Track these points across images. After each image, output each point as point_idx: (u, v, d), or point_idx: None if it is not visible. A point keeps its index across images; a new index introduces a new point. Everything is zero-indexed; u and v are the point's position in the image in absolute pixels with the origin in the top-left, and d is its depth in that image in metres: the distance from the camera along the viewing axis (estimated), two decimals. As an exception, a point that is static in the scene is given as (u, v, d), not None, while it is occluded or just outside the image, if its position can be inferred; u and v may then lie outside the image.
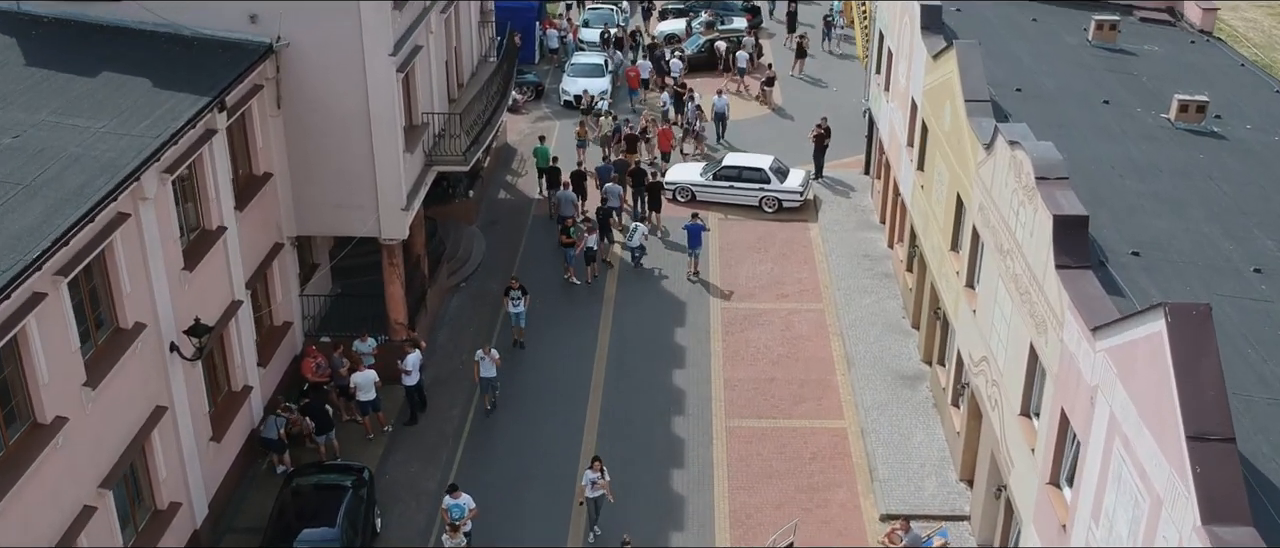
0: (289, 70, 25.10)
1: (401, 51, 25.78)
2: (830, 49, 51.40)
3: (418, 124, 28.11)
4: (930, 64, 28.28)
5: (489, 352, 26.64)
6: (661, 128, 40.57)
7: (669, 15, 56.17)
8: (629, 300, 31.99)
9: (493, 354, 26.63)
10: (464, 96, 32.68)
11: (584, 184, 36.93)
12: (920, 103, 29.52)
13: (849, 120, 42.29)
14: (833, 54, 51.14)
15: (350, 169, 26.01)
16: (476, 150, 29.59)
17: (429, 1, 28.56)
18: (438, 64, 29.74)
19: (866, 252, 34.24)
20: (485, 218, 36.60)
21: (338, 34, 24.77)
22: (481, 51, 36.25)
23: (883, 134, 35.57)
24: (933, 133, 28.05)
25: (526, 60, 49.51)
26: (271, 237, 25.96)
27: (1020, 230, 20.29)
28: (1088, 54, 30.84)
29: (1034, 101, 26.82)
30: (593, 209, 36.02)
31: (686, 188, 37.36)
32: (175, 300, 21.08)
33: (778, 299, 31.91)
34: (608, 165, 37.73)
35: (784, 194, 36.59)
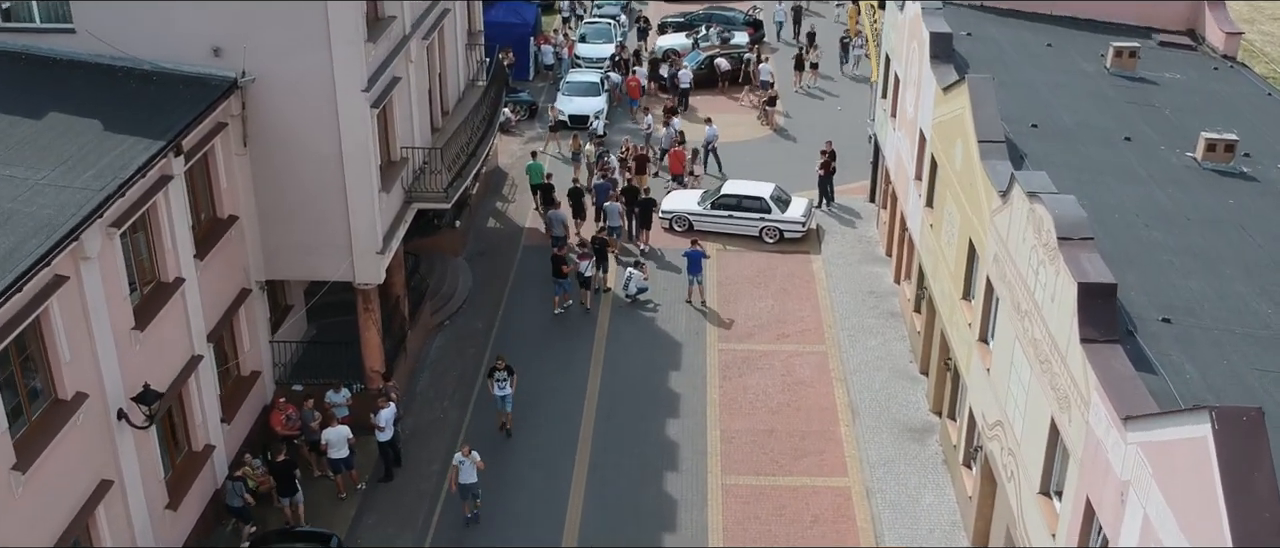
0: (256, 106, 23.51)
1: (376, 86, 24.19)
2: (847, 72, 49.08)
3: (396, 160, 26.51)
4: (940, 96, 26.64)
5: (469, 454, 23.19)
6: (675, 149, 38.88)
7: (668, 29, 54.52)
8: (621, 340, 30.37)
9: (474, 458, 23.19)
10: (449, 125, 31.09)
11: (582, 202, 35.45)
12: (929, 136, 27.88)
13: (854, 142, 40.66)
14: (847, 76, 48.96)
15: (322, 211, 24.43)
16: (460, 185, 27.97)
17: (409, 30, 26.94)
18: (419, 94, 28.14)
19: (872, 287, 32.60)
20: (473, 249, 35.00)
21: (307, 69, 23.19)
22: (469, 75, 34.63)
23: (889, 163, 33.93)
24: (942, 169, 26.41)
25: (521, 77, 47.96)
26: (238, 282, 24.37)
27: (1040, 292, 18.65)
28: (1106, 84, 29.17)
29: (1051, 139, 25.16)
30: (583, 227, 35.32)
31: (683, 217, 35.73)
32: (124, 364, 19.48)
33: (778, 339, 30.27)
34: (605, 183, 36.24)
35: (785, 224, 34.96)
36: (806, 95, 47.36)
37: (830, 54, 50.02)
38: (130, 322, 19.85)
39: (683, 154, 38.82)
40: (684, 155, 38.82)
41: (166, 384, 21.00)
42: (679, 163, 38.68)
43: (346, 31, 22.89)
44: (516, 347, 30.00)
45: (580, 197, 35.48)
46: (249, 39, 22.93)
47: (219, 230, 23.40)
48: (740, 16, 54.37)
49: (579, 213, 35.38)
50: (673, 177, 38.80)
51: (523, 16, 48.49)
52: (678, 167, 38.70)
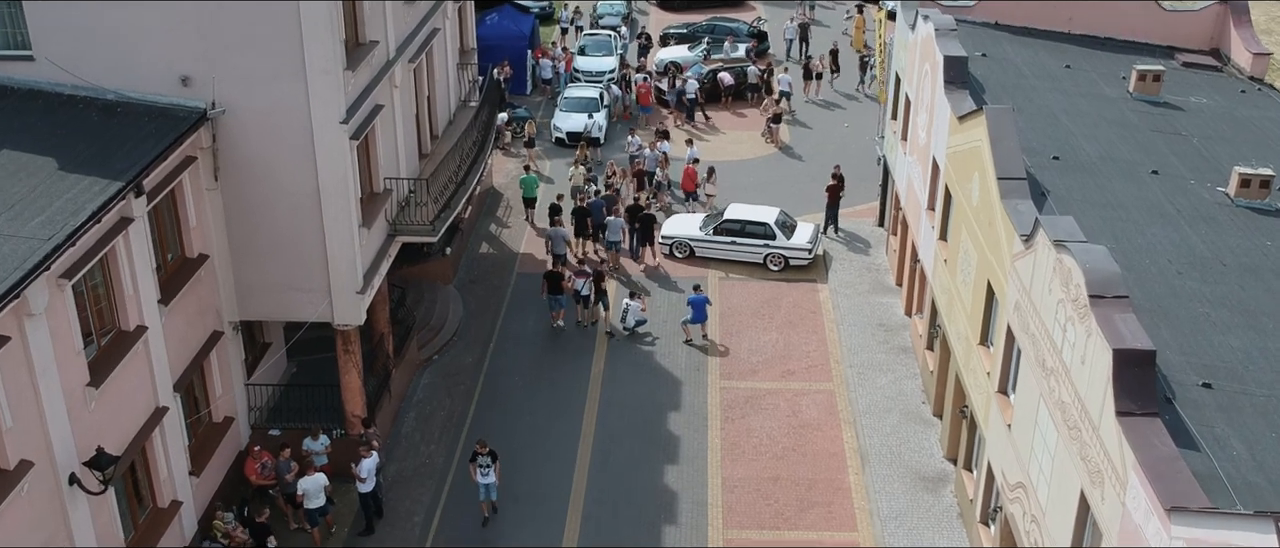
0: (228, 139, 22.08)
1: (356, 116, 22.75)
2: (866, 91, 46.76)
3: (379, 192, 25.06)
4: (955, 125, 25.15)
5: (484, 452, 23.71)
6: (688, 167, 37.40)
7: (670, 41, 52.97)
8: (619, 377, 28.89)
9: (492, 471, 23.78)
10: (438, 149, 29.64)
11: (586, 222, 34.22)
12: (943, 165, 26.39)
13: (862, 161, 39.18)
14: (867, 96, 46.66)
15: (298, 248, 22.99)
16: (448, 216, 26.50)
17: (393, 54, 25.48)
18: (404, 120, 26.68)
19: (881, 319, 31.10)
20: (464, 276, 33.53)
21: (282, 99, 21.76)
22: (461, 95, 33.17)
23: (899, 188, 32.43)
24: (958, 202, 24.92)
25: (518, 92, 46.50)
26: (209, 324, 22.93)
27: (1068, 351, 17.17)
28: (1130, 110, 27.67)
29: (1074, 173, 23.67)
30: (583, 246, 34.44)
31: (684, 242, 34.25)
32: (77, 425, 18.05)
33: (783, 377, 28.78)
34: (600, 200, 34.96)
35: (791, 252, 33.47)
36: (815, 108, 45.78)
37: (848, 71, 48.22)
38: (84, 378, 18.40)
39: (695, 172, 37.36)
40: (696, 173, 37.35)
41: (126, 442, 19.58)
42: (691, 181, 37.26)
43: (323, 60, 21.45)
44: (509, 383, 28.57)
45: (585, 216, 34.21)
46: (219, 68, 21.52)
47: (187, 271, 21.96)
48: (744, 27, 52.80)
49: (582, 231, 34.16)
50: (686, 195, 37.41)
51: (520, 28, 47.02)
52: (690, 184, 37.29)
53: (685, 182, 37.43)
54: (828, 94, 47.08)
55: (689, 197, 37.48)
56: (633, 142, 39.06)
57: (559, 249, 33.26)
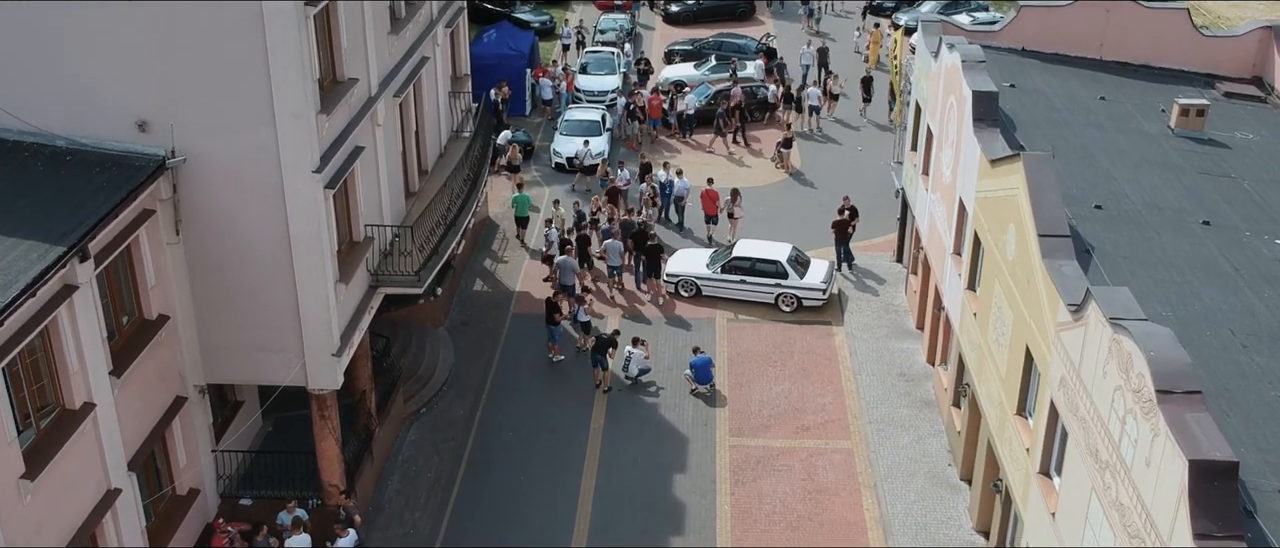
0: (190, 189, 20.12)
1: (332, 162, 20.76)
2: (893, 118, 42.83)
3: (359, 240, 23.05)
4: (986, 167, 23.10)
5: None
6: (705, 190, 35.38)
7: (675, 57, 50.90)
8: (620, 433, 26.87)
9: None
10: (428, 187, 27.62)
11: (588, 250, 32.66)
12: (971, 210, 24.34)
13: (877, 188, 37.10)
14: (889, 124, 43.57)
15: (268, 307, 21.03)
16: (436, 263, 24.50)
17: (376, 90, 23.47)
18: (389, 160, 24.65)
19: (902, 368, 29.03)
20: (456, 317, 31.50)
21: (249, 147, 19.81)
22: (453, 125, 31.15)
23: (920, 225, 30.38)
24: (989, 253, 22.87)
25: (517, 114, 44.45)
26: (171, 390, 20.94)
27: (1129, 447, 15.12)
28: (1173, 148, 25.61)
29: (1118, 225, 21.63)
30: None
31: (690, 281, 32.19)
32: (9, 524, 16.04)
33: (797, 433, 26.74)
34: (608, 226, 33.22)
35: (804, 292, 31.40)
36: (827, 131, 43.71)
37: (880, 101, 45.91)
38: (18, 469, 16.41)
39: (716, 194, 35.33)
40: (717, 195, 35.32)
41: (70, 534, 17.56)
42: (712, 203, 35.25)
43: (294, 104, 19.47)
44: (502, 440, 26.58)
45: (586, 244, 32.57)
46: (180, 112, 19.57)
47: (145, 334, 19.96)
48: (753, 44, 50.75)
49: (585, 259, 32.59)
50: (707, 218, 35.46)
51: (518, 47, 44.99)
52: (711, 207, 35.30)
53: (706, 204, 35.41)
54: (843, 113, 44.96)
55: (708, 220, 35.53)
56: (622, 175, 36.82)
57: (567, 280, 31.46)
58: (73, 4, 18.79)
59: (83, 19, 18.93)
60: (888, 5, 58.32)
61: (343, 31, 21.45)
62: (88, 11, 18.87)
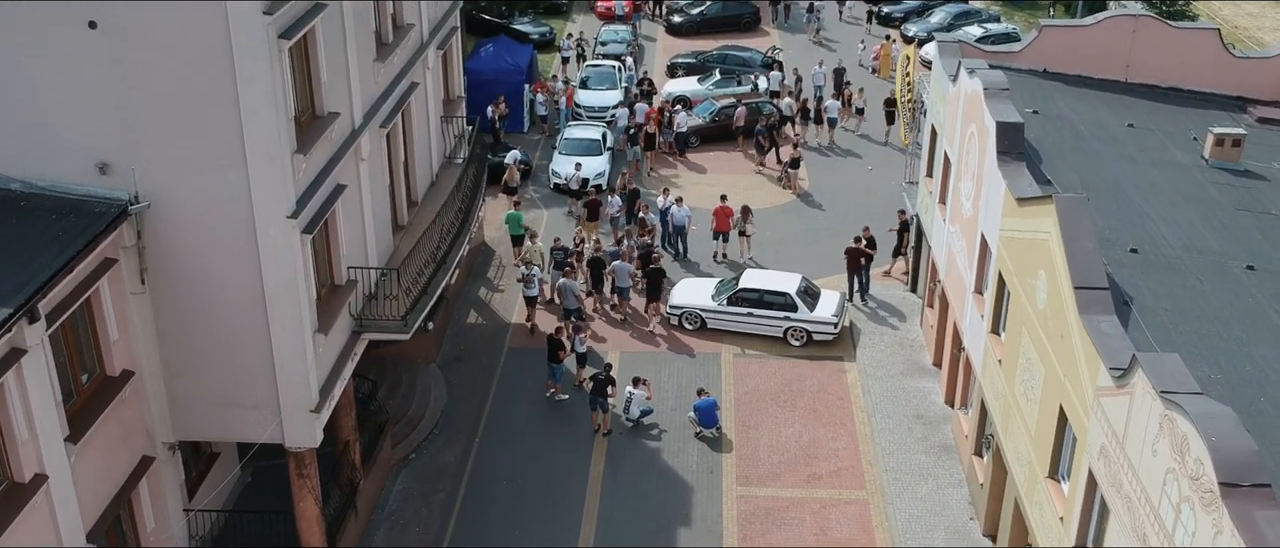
0: (156, 236, 18.60)
1: (310, 205, 19.25)
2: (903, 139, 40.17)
3: (341, 284, 21.54)
4: (1012, 204, 21.59)
5: None
6: (718, 206, 34.14)
7: (678, 71, 49.34)
8: (621, 482, 25.37)
9: None
10: (418, 219, 26.12)
11: (601, 273, 31.28)
12: (995, 249, 22.83)
13: (890, 211, 35.53)
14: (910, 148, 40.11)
15: (241, 361, 19.52)
16: (425, 304, 23.01)
17: (360, 122, 21.96)
18: (374, 195, 23.12)
19: (919, 409, 27.51)
20: (448, 353, 29.98)
21: (218, 190, 18.30)
22: (445, 151, 29.63)
23: (937, 257, 28.86)
24: (1016, 298, 21.36)
25: (515, 130, 42.92)
26: (137, 450, 19.43)
27: (1183, 536, 13.61)
28: (1208, 182, 24.09)
29: (1156, 270, 20.11)
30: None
31: (695, 313, 30.66)
32: (-55, 617, 14.56)
33: (809, 482, 25.23)
34: (615, 249, 32.10)
35: (814, 325, 29.87)
36: (835, 149, 42.20)
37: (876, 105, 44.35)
38: (-44, 557, 14.93)
39: (729, 210, 34.02)
40: (730, 212, 34.03)
41: (18, 622, 16.06)
42: (725, 219, 33.95)
43: (266, 144, 17.96)
44: (495, 490, 25.09)
45: (600, 267, 31.21)
46: (144, 153, 18.08)
47: (108, 393, 18.45)
48: (758, 57, 49.20)
49: (597, 284, 31.28)
50: (715, 234, 34.20)
51: (516, 61, 43.42)
52: (724, 223, 34.01)
53: (718, 220, 34.05)
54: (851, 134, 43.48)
55: (718, 237, 34.25)
56: (612, 201, 35.19)
57: (570, 303, 30.14)
58: (26, 35, 17.29)
59: (37, 51, 17.43)
60: (896, 15, 56.80)
61: (322, 63, 19.94)
62: (43, 43, 17.38)
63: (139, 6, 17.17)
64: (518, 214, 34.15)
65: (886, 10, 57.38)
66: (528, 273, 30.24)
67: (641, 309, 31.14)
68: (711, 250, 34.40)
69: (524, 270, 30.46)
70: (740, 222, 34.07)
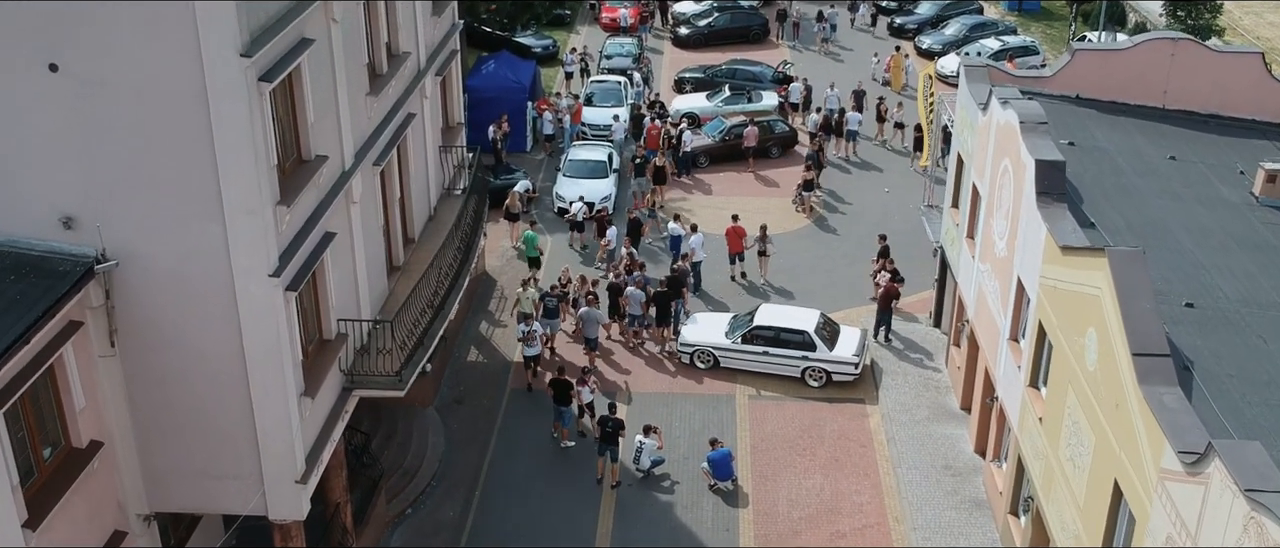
0: (127, 295, 17.04)
1: (295, 259, 17.67)
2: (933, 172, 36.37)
3: (330, 339, 19.96)
4: (1055, 251, 19.98)
5: None
6: (730, 227, 32.93)
7: (686, 86, 47.67)
8: (632, 542, 23.78)
9: None
10: (414, 259, 24.57)
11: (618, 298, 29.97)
12: (1034, 296, 21.22)
13: (909, 237, 34.03)
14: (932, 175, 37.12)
15: (221, 428, 17.98)
16: (422, 357, 21.45)
17: (350, 163, 20.36)
18: (367, 239, 21.55)
19: (947, 459, 25.92)
20: (447, 395, 28.39)
21: (193, 247, 16.76)
22: (444, 182, 28.04)
23: (964, 293, 27.26)
24: (1059, 351, 19.76)
25: (517, 150, 41.32)
26: (107, 525, 17.87)
27: (1276, 661, 12.00)
28: (1261, 223, 22.47)
29: (1215, 328, 18.49)
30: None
31: (707, 352, 29.06)
32: None
33: (832, 541, 23.65)
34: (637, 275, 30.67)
35: (835, 366, 28.28)
36: (852, 169, 40.59)
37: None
38: (-106, 672, 13.35)
39: (742, 231, 32.85)
40: (743, 232, 32.86)
41: None
42: (738, 240, 32.78)
43: (245, 196, 16.41)
44: (499, 544, 23.47)
45: (618, 293, 29.90)
46: (112, 207, 16.53)
47: (74, 467, 16.88)
48: (768, 72, 47.57)
49: (615, 310, 30.02)
50: (731, 256, 32.98)
51: (518, 78, 41.79)
52: (737, 245, 32.83)
53: (731, 241, 32.80)
54: (869, 152, 41.90)
55: (734, 258, 33.01)
56: (611, 232, 33.48)
57: (591, 332, 28.91)
58: (-19, 81, 15.78)
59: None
60: (909, 27, 55.19)
61: (309, 103, 18.36)
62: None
63: (105, 48, 15.63)
64: (533, 235, 32.90)
65: (899, 21, 55.78)
66: (528, 330, 27.96)
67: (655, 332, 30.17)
68: (727, 273, 33.18)
69: (523, 328, 28.05)
70: (759, 241, 32.76)
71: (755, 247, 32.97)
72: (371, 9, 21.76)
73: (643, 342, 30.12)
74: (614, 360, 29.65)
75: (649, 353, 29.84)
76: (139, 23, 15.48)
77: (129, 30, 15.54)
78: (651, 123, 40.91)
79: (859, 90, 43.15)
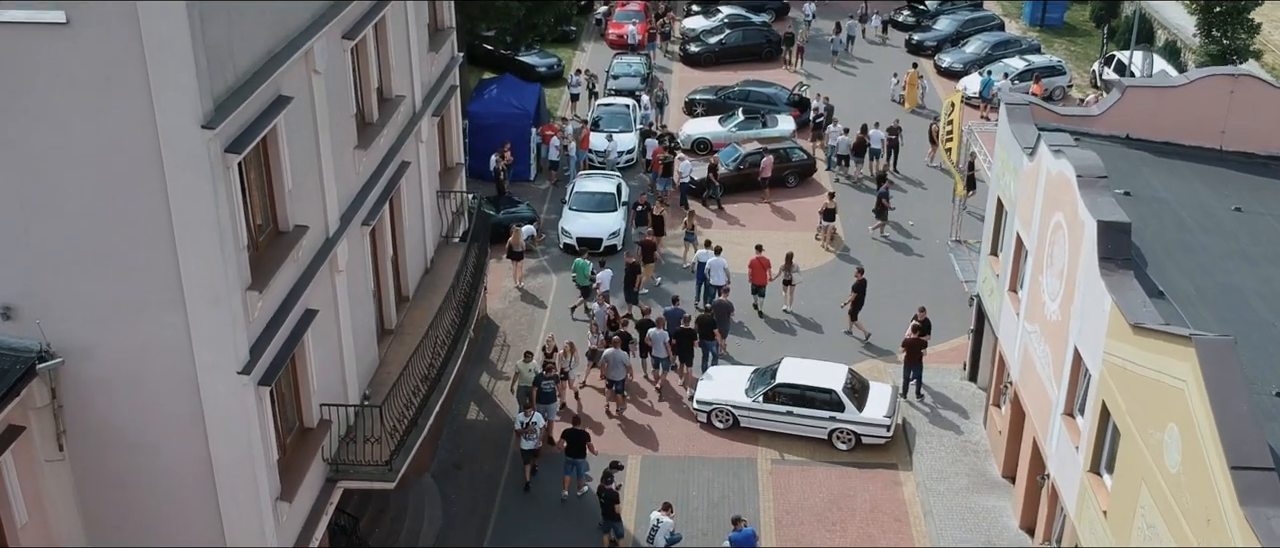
0: (76, 393, 14.93)
1: (269, 349, 15.54)
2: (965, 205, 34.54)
3: (312, 427, 17.84)
4: (1122, 327, 17.83)
5: None
6: (754, 258, 31.13)
7: (697, 109, 45.45)
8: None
9: None
10: (409, 320, 22.45)
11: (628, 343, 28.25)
12: (1096, 372, 19.07)
13: (938, 275, 31.91)
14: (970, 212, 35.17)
15: (184, 538, 15.85)
16: (415, 439, 19.33)
17: (335, 230, 18.23)
18: (355, 309, 19.41)
19: (990, 535, 23.77)
20: (445, 458, 26.26)
21: (151, 340, 14.63)
22: (443, 229, 25.92)
23: (1006, 352, 25.12)
24: (1130, 442, 17.61)
25: (520, 178, 39.21)
26: (57, 647, 15.74)
27: None
28: (1346, 286, 20.30)
29: (1314, 423, 16.31)
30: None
31: (726, 410, 26.92)
32: None
33: (866, 633, 21.52)
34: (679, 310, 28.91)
35: (864, 427, 26.14)
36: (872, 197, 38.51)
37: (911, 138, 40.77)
38: None
39: (767, 261, 31.11)
40: (768, 263, 31.12)
41: None
42: (762, 273, 31.02)
43: (209, 284, 14.30)
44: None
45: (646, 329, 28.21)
46: (57, 295, 14.43)
47: (16, 589, 14.78)
48: (784, 94, 45.39)
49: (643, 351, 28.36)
50: (754, 288, 31.25)
51: (522, 104, 39.63)
52: (761, 277, 31.09)
53: (754, 273, 31.08)
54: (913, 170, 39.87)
55: (755, 290, 31.27)
56: (604, 274, 31.14)
57: (618, 374, 27.12)
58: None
59: (-80, 173, 13.81)
60: (928, 44, 52.99)
61: (286, 168, 16.25)
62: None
63: (46, 116, 13.52)
64: (585, 263, 31.19)
65: (917, 38, 53.60)
66: (528, 421, 24.72)
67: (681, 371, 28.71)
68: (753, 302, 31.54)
69: (522, 419, 24.93)
70: (784, 270, 31.20)
71: (780, 276, 31.29)
72: (361, 53, 19.63)
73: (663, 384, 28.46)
74: (629, 415, 27.55)
75: (672, 397, 27.95)
76: (86, 88, 13.37)
77: (75, 96, 13.44)
78: (659, 146, 39.01)
79: (894, 127, 40.34)
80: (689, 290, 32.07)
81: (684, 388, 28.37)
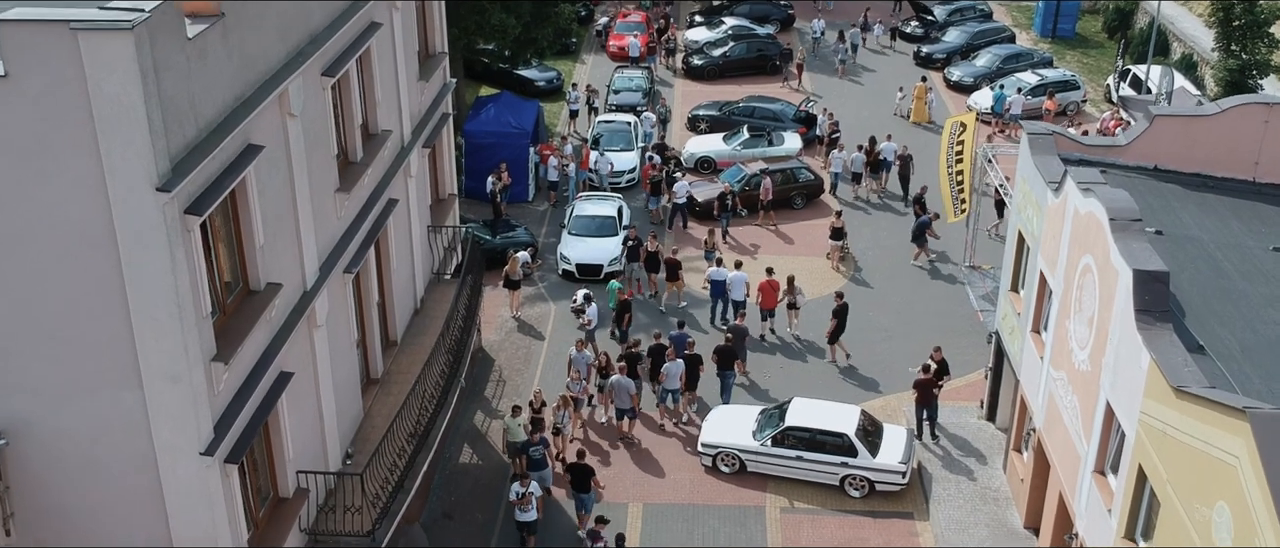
0: (24, 475, 13.60)
1: (237, 424, 14.23)
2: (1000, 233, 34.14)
3: (288, 497, 16.52)
4: (1163, 389, 16.50)
5: None
6: (764, 281, 30.29)
7: (700, 125, 44.04)
8: None
9: None
10: (396, 368, 21.13)
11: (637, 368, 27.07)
12: (1132, 433, 17.75)
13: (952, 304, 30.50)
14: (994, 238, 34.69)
15: (146, 631, 14.49)
16: (400, 505, 18.02)
17: (314, 283, 16.90)
18: (335, 365, 18.09)
19: (1012, 593, 22.48)
20: (436, 507, 24.91)
21: (105, 419, 13.31)
22: (433, 266, 24.60)
23: (1029, 397, 23.80)
24: (1172, 514, 16.29)
25: (519, 200, 37.87)
26: None
27: None
28: (1398, 339, 18.95)
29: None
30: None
31: (732, 454, 25.61)
32: None
33: None
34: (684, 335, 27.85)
35: (878, 474, 24.81)
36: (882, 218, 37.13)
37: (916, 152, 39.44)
38: None
39: (777, 284, 30.23)
40: (778, 286, 30.21)
41: None
42: (773, 294, 30.19)
43: (167, 360, 13.00)
44: None
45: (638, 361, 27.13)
46: (3, 372, 13.03)
47: None
48: (790, 110, 44.01)
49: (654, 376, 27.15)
50: (763, 313, 30.47)
51: (520, 122, 38.27)
52: (771, 300, 30.27)
53: (765, 296, 30.25)
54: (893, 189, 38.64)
55: (766, 315, 30.48)
56: (590, 311, 29.64)
57: (623, 403, 26.15)
58: None
59: None
60: (937, 56, 51.59)
61: (257, 223, 14.92)
62: None
63: (-14, 179, 12.21)
64: (618, 284, 30.57)
65: (926, 51, 52.19)
66: (525, 492, 22.65)
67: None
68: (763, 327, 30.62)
69: (517, 490, 22.95)
70: (787, 293, 30.20)
71: (785, 300, 30.30)
72: (342, 90, 18.31)
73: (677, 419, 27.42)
74: (631, 458, 26.23)
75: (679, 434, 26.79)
76: (28, 149, 12.05)
77: (15, 158, 12.12)
78: (648, 163, 37.79)
79: (905, 156, 38.82)
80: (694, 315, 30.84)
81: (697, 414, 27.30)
